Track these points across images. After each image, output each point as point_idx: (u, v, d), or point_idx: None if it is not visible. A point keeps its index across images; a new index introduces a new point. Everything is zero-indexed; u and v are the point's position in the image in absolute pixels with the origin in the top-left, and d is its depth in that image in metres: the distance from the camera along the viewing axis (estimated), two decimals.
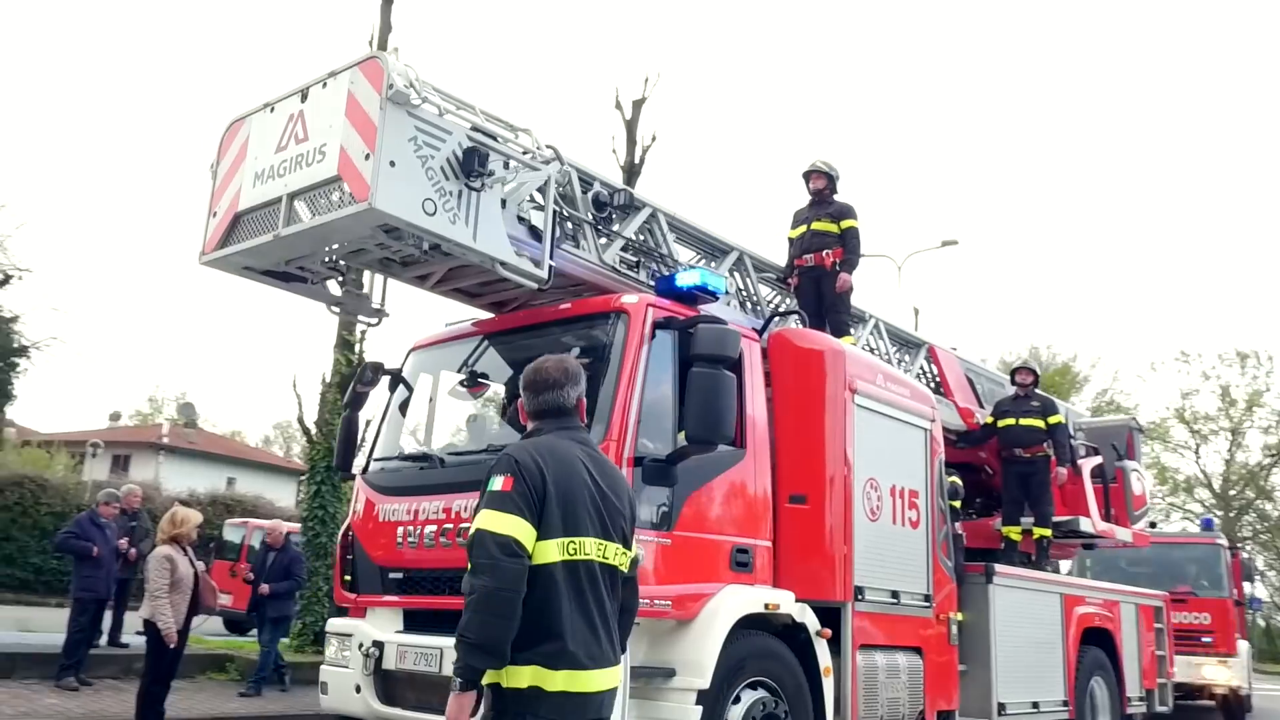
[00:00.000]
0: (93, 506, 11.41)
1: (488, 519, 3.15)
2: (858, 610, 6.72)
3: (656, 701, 5.61)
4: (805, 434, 6.79)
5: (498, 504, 3.17)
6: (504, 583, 3.07)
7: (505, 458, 3.31)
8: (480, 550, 3.09)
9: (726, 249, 7.52)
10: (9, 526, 22.51)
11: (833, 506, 6.72)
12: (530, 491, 3.23)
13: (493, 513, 3.16)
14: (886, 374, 7.50)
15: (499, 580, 3.06)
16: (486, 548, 3.10)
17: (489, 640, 3.06)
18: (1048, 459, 9.75)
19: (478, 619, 3.05)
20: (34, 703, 9.06)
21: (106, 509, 10.99)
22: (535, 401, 3.59)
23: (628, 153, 18.92)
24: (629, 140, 18.96)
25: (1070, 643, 9.29)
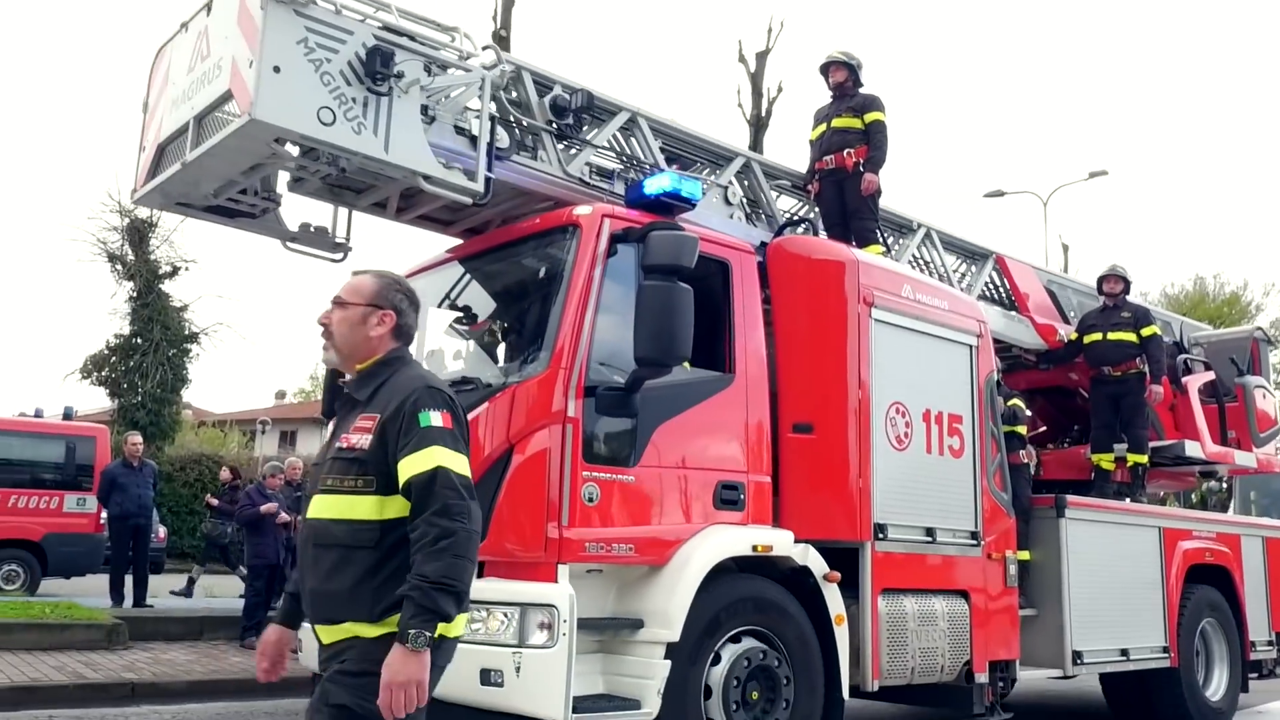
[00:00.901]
0: (260, 479, 12.22)
1: (447, 457, 2.80)
2: (879, 551, 5.94)
3: (623, 656, 5.04)
4: (810, 355, 6.01)
5: (450, 442, 2.83)
6: (477, 525, 2.80)
7: (434, 391, 2.91)
8: (452, 492, 2.75)
9: (729, 155, 6.73)
10: (191, 501, 23.92)
11: (844, 435, 5.93)
12: (463, 427, 2.96)
13: (448, 451, 2.80)
14: (917, 284, 6.60)
15: (473, 523, 2.78)
16: (456, 488, 2.77)
17: (467, 585, 2.77)
18: (1141, 377, 8.57)
19: (461, 564, 2.72)
20: (221, 661, 9.80)
21: (273, 480, 11.72)
22: (407, 319, 3.12)
23: (754, 105, 18.23)
24: (754, 93, 18.28)
25: (1172, 582, 8.17)
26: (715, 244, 5.81)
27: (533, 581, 4.81)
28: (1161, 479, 10.09)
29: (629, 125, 6.23)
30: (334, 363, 3.07)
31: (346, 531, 2.81)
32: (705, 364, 5.68)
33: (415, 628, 2.64)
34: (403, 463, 2.78)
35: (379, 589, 2.77)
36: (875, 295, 6.18)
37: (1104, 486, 8.65)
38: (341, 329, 3.02)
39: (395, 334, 3.05)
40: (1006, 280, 8.71)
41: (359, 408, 2.95)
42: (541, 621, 4.67)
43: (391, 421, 2.83)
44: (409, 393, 2.85)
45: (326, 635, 2.84)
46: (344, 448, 2.88)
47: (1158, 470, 9.74)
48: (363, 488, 2.83)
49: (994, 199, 31.50)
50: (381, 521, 2.82)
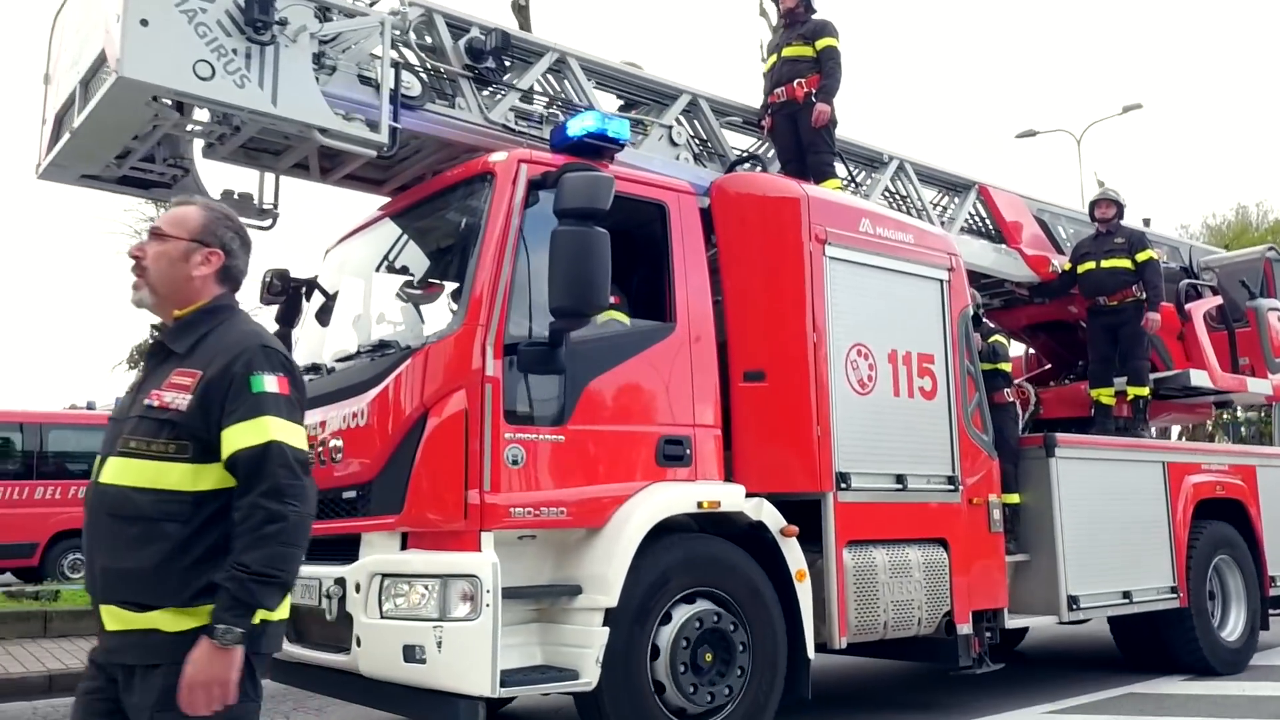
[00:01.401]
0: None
1: (282, 429, 2.47)
2: (842, 501, 5.62)
3: (561, 625, 4.78)
4: (760, 299, 5.67)
5: (286, 411, 2.51)
6: (311, 508, 2.51)
7: (269, 352, 2.56)
8: (285, 470, 2.44)
9: (672, 93, 6.36)
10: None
11: (798, 381, 5.60)
12: (302, 394, 2.63)
13: (283, 422, 2.49)
14: (878, 218, 6.20)
15: (307, 505, 2.49)
16: (291, 466, 2.45)
17: (294, 575, 2.47)
18: (1139, 306, 8.11)
19: (287, 553, 2.42)
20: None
21: None
22: (237, 262, 2.73)
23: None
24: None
25: (1179, 518, 7.77)
26: (650, 186, 5.48)
27: (455, 551, 4.55)
28: (1173, 411, 9.65)
29: (559, 66, 5.88)
30: (146, 305, 2.65)
31: (151, 502, 2.46)
32: (645, 313, 5.39)
33: (227, 622, 2.35)
34: (228, 432, 2.45)
35: (188, 570, 2.44)
36: (828, 232, 5.81)
37: (1105, 423, 8.23)
38: (159, 265, 2.61)
39: (221, 277, 2.66)
40: (991, 211, 8.26)
41: (173, 360, 2.57)
42: (464, 593, 4.43)
43: (216, 382, 2.47)
44: (239, 350, 2.50)
45: (116, 621, 2.50)
46: (154, 406, 2.50)
47: (1168, 403, 9.31)
48: (175, 454, 2.47)
49: (1026, 139, 30.59)
50: (195, 493, 2.47)
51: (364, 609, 4.67)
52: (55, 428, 15.31)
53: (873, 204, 6.60)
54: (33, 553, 14.53)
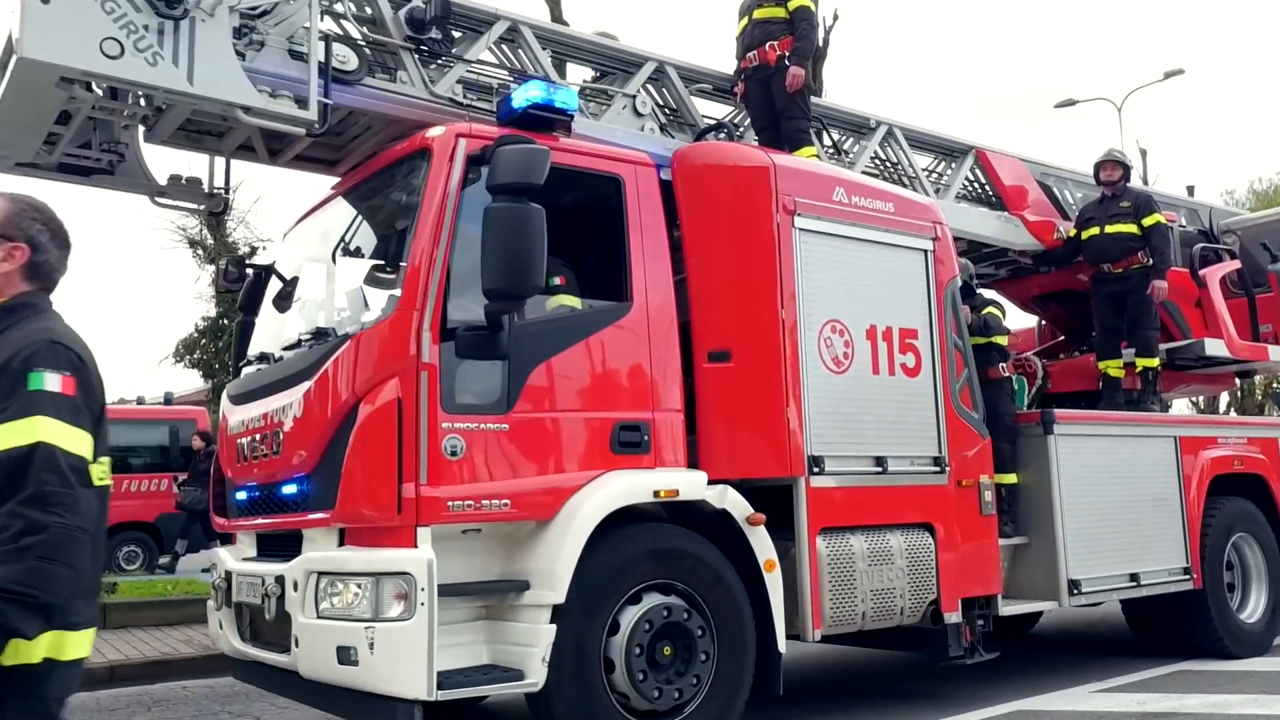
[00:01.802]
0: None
1: (56, 432, 2.22)
2: (815, 486, 5.34)
3: (510, 623, 4.56)
4: (724, 275, 5.38)
5: (65, 413, 2.26)
6: (84, 520, 2.23)
7: (57, 348, 2.33)
8: (54, 476, 2.18)
9: (637, 61, 6.06)
10: None
11: (766, 361, 5.31)
12: (93, 398, 2.37)
13: (59, 424, 2.24)
14: (854, 187, 5.87)
15: (78, 517, 2.21)
16: (61, 471, 2.19)
17: (58, 597, 2.18)
18: (1146, 272, 7.69)
19: (47, 570, 2.14)
20: None
21: None
22: (47, 257, 2.51)
23: None
24: None
25: (1192, 496, 7.38)
26: (604, 158, 5.21)
27: (390, 548, 4.34)
28: (1193, 382, 9.21)
29: (511, 36, 5.61)
30: None
31: None
32: (601, 293, 5.13)
33: None
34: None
35: None
36: (798, 202, 5.50)
37: (1113, 396, 7.85)
38: None
39: (28, 274, 2.45)
40: (990, 177, 7.87)
41: None
42: (397, 592, 4.22)
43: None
44: (24, 345, 2.28)
45: None
46: None
47: (1187, 373, 8.89)
48: None
49: (1065, 109, 29.66)
50: None
51: (301, 608, 4.48)
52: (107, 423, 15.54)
53: (848, 172, 6.26)
54: None
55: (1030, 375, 8.48)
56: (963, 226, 7.51)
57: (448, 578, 4.40)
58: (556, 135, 5.14)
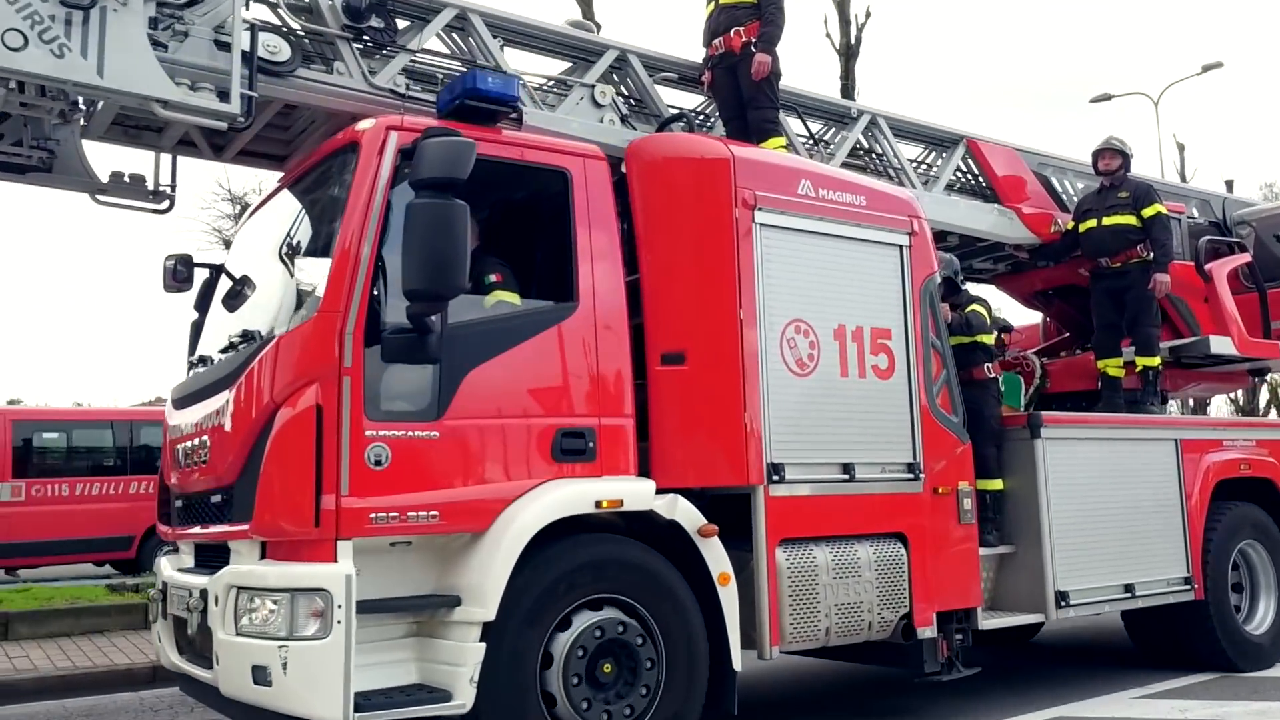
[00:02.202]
0: None
1: None
2: (774, 495, 5.08)
3: (438, 640, 4.34)
4: (678, 273, 5.13)
5: None
6: None
7: None
8: None
9: (597, 49, 5.81)
10: None
11: (722, 363, 5.05)
12: None
13: None
14: (822, 179, 5.59)
15: None
16: None
17: None
18: (1145, 267, 7.33)
19: None
20: None
21: None
22: None
23: (842, 34, 17.69)
24: (841, 21, 17.72)
25: (1194, 502, 7.03)
26: (550, 151, 4.96)
27: (308, 563, 4.13)
28: (1204, 380, 8.81)
29: (460, 24, 5.37)
30: None
31: None
32: (547, 292, 4.89)
33: None
34: None
35: None
36: (759, 196, 5.22)
37: (1113, 396, 7.49)
38: None
39: None
40: (983, 167, 7.54)
41: None
42: (313, 609, 4.01)
43: None
44: None
45: None
46: None
47: (1196, 371, 8.51)
48: None
49: (1101, 104, 28.94)
50: None
51: (221, 624, 4.28)
52: (145, 424, 15.60)
53: (816, 164, 5.96)
54: (130, 545, 14.95)
55: (1028, 375, 8.14)
56: (952, 220, 7.20)
57: (375, 592, 4.21)
58: (499, 127, 4.91)
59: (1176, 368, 8.31)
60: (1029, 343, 9.30)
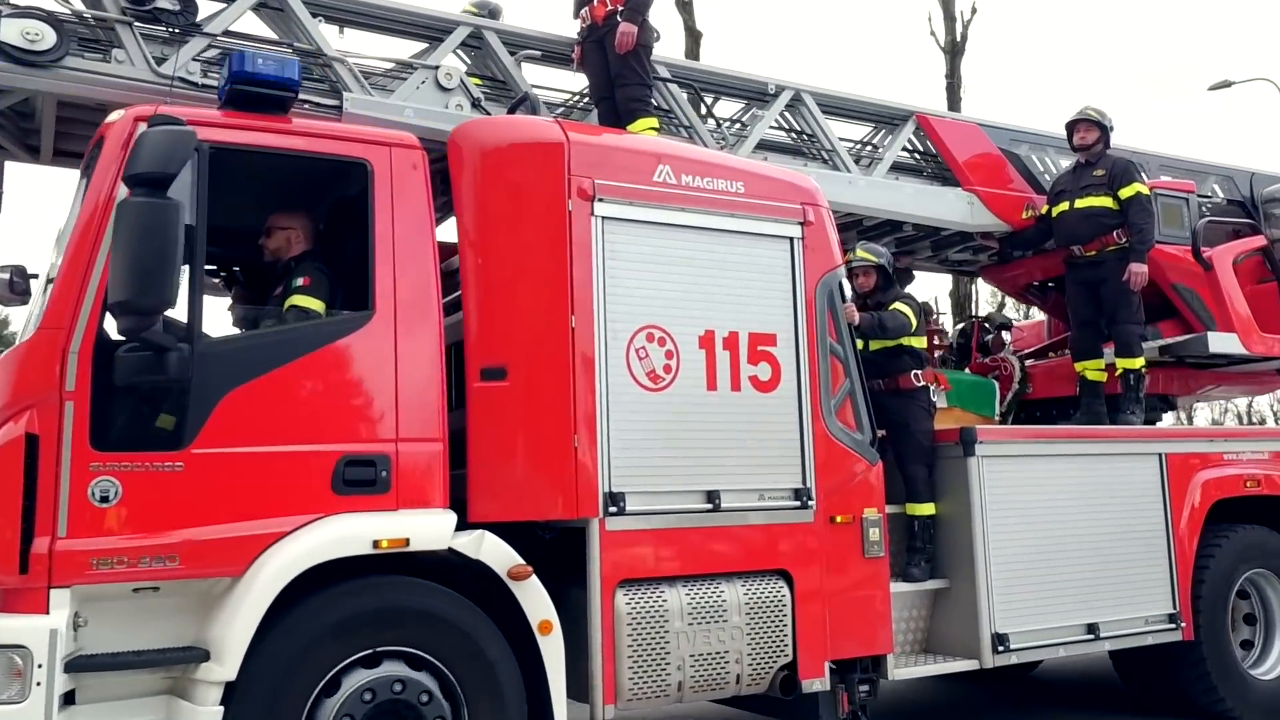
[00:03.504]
0: None
1: None
2: (613, 529, 4.40)
3: (179, 700, 3.80)
4: (501, 275, 4.49)
5: None
6: None
7: None
8: None
9: (446, 25, 5.20)
10: None
11: (550, 378, 4.40)
12: None
13: None
14: (685, 163, 4.86)
15: None
16: None
17: None
18: (1123, 255, 6.36)
19: None
20: None
21: None
22: None
23: (947, 32, 17.31)
24: (946, 18, 17.44)
25: (1183, 527, 6.08)
26: (345, 140, 4.37)
27: (14, 614, 3.63)
28: (1225, 382, 7.73)
29: (269, 3, 4.83)
30: None
31: None
32: (352, 301, 4.32)
33: None
34: None
35: None
36: (599, 185, 4.55)
37: (1092, 403, 6.55)
38: None
39: None
40: (936, 146, 6.67)
41: None
42: (13, 669, 3.50)
43: None
44: None
45: None
46: None
47: (1214, 373, 7.47)
48: None
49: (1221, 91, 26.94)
50: None
51: None
52: None
53: (681, 147, 5.22)
54: None
55: (1005, 379, 7.24)
56: (897, 206, 6.39)
57: (115, 645, 3.71)
58: (289, 116, 4.35)
59: (1182, 368, 7.30)
60: (1033, 341, 8.34)
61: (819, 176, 6.06)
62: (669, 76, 5.75)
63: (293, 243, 4.53)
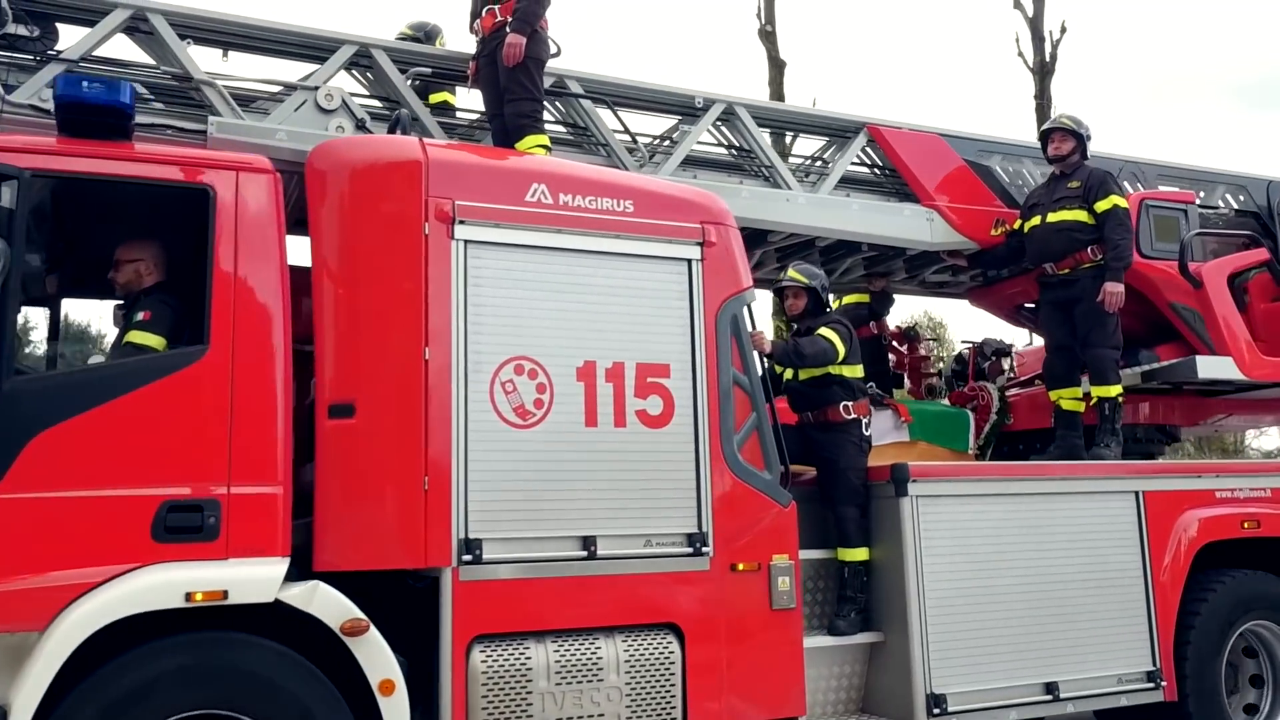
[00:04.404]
0: None
1: None
2: (468, 580, 4.05)
3: None
4: (352, 304, 4.19)
5: None
6: None
7: None
8: None
9: (329, 45, 4.95)
10: None
11: (400, 414, 4.08)
12: None
13: None
14: (568, 181, 4.51)
15: None
16: None
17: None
18: (1099, 273, 5.79)
19: None
20: None
21: None
22: None
23: (1035, 52, 17.14)
24: (1035, 38, 17.39)
25: (1165, 573, 5.46)
26: (185, 165, 4.13)
27: None
28: (1238, 412, 7.06)
29: (135, 24, 4.64)
30: None
31: None
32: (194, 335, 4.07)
33: None
34: None
35: None
36: (460, 207, 4.23)
37: (1068, 436, 5.98)
38: None
39: None
40: (890, 159, 6.19)
41: None
42: None
43: None
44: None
45: None
46: None
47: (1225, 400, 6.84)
48: None
49: None
50: None
51: None
52: None
53: (563, 163, 4.85)
54: None
55: (982, 409, 6.69)
56: (842, 225, 5.95)
57: None
58: (132, 141, 4.14)
59: (1184, 396, 6.66)
60: (1037, 368, 7.74)
61: (753, 194, 5.71)
62: (581, 92, 5.42)
63: (143, 275, 4.30)
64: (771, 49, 16.73)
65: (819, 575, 5.17)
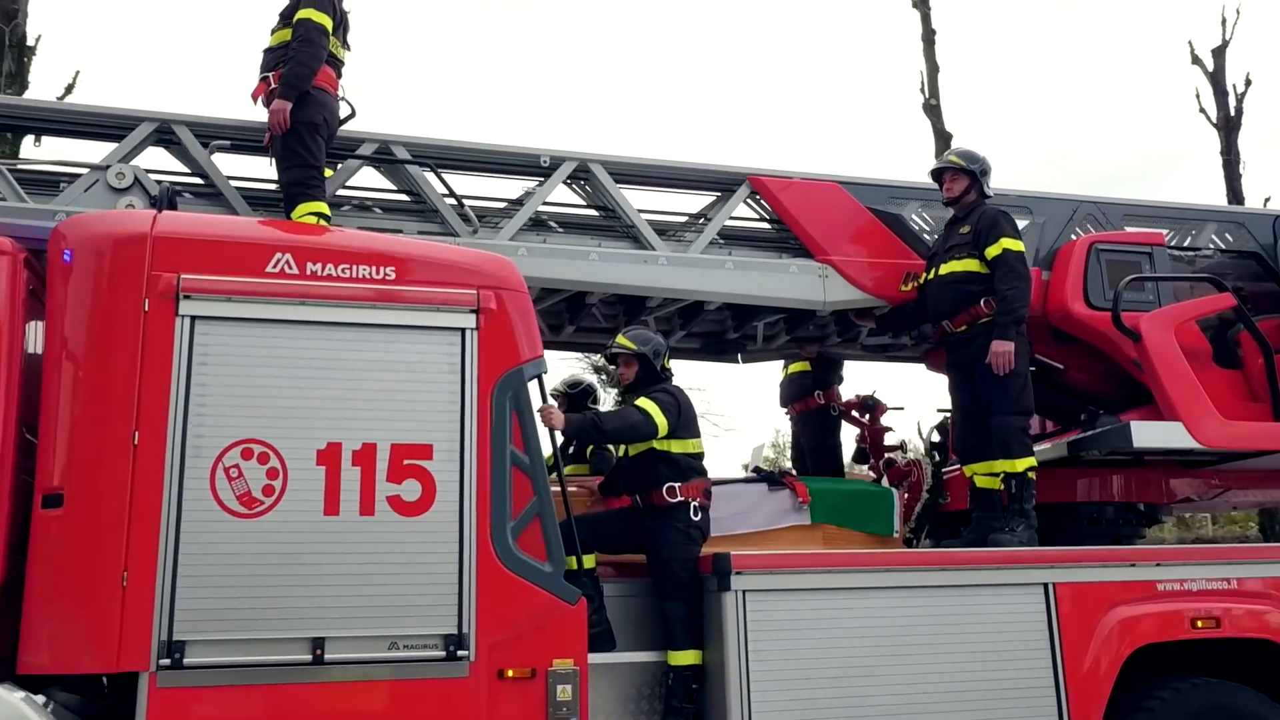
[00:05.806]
0: None
1: None
2: (165, 688, 3.68)
3: None
4: (67, 388, 3.96)
5: None
6: None
7: None
8: None
9: (127, 122, 4.84)
10: None
11: (104, 504, 3.80)
12: None
13: None
14: (317, 251, 4.19)
15: None
16: None
17: None
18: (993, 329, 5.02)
19: None
20: None
21: None
22: None
23: (1219, 107, 17.16)
24: (1217, 93, 17.11)
25: (1087, 683, 4.56)
26: None
27: None
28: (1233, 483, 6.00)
29: None
30: None
31: None
32: None
33: None
34: None
35: None
36: (187, 281, 3.97)
37: (983, 516, 5.16)
38: None
39: None
40: (777, 212, 5.62)
41: None
42: None
43: None
44: None
45: None
46: None
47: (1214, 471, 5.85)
48: None
49: None
50: None
51: None
52: None
53: (314, 231, 4.52)
54: None
55: (914, 485, 5.92)
56: (712, 286, 5.42)
57: None
58: None
59: (1153, 469, 5.72)
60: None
61: (603, 257, 5.26)
62: (409, 158, 5.14)
63: None
64: (936, 122, 16.67)
65: (655, 681, 4.55)
